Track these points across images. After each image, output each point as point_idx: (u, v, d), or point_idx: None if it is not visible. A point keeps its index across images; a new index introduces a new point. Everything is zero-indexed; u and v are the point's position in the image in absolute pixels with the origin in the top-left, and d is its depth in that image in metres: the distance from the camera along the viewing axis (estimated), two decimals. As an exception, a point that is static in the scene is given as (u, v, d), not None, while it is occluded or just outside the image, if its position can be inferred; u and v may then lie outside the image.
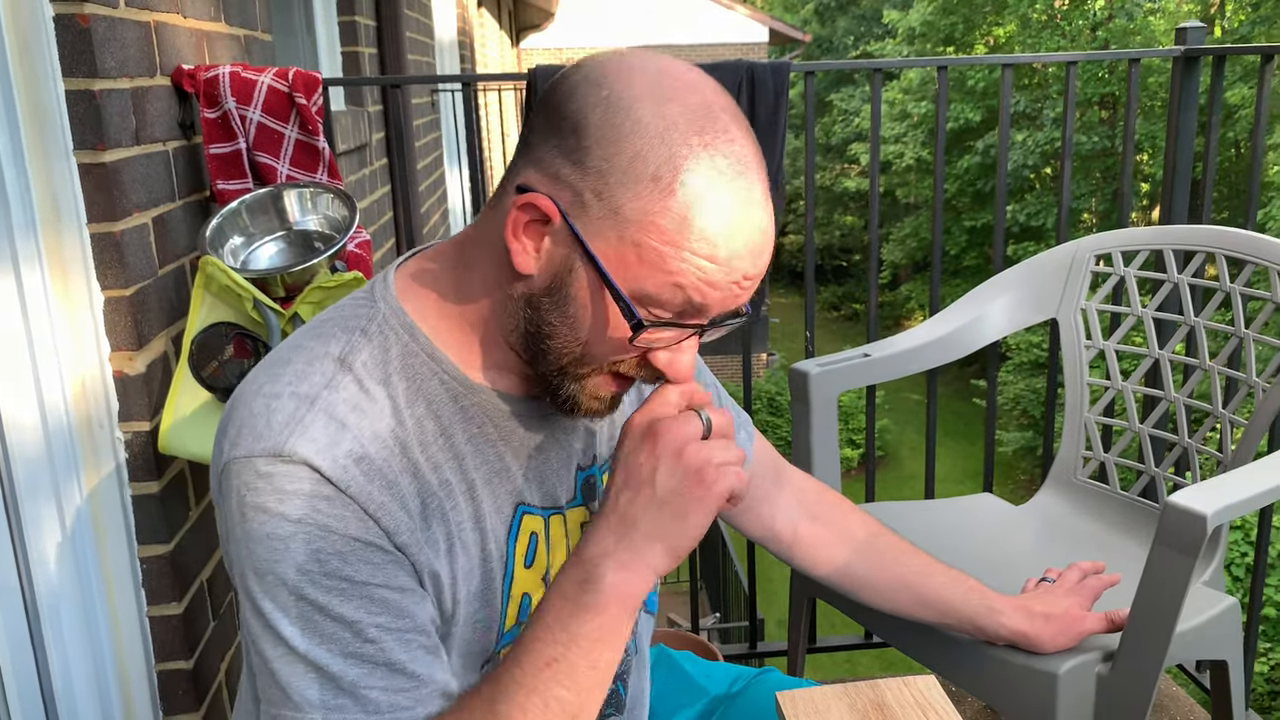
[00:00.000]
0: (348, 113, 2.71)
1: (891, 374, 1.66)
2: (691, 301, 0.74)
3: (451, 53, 5.84)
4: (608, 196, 0.72)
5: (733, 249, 0.73)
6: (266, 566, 0.72)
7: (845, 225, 22.46)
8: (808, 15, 25.47)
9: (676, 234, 0.72)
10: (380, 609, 0.74)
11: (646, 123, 0.72)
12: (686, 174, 0.71)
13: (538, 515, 0.86)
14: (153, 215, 1.36)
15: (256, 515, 0.72)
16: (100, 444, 1.30)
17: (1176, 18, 15.64)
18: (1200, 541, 1.08)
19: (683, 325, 0.76)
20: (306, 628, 0.72)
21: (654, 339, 0.77)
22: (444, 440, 0.79)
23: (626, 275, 0.73)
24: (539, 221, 0.75)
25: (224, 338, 1.35)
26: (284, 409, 0.74)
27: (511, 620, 0.85)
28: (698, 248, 0.72)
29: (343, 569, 0.73)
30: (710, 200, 0.72)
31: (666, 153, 0.71)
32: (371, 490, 0.74)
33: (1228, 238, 1.56)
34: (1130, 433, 1.67)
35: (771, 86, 1.76)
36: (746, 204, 0.74)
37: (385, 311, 0.81)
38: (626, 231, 0.72)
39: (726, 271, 0.74)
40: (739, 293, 0.76)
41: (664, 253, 0.72)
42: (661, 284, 0.73)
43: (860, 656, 8.78)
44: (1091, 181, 15.55)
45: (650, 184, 0.71)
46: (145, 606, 1.37)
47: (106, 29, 1.24)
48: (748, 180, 0.74)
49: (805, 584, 1.63)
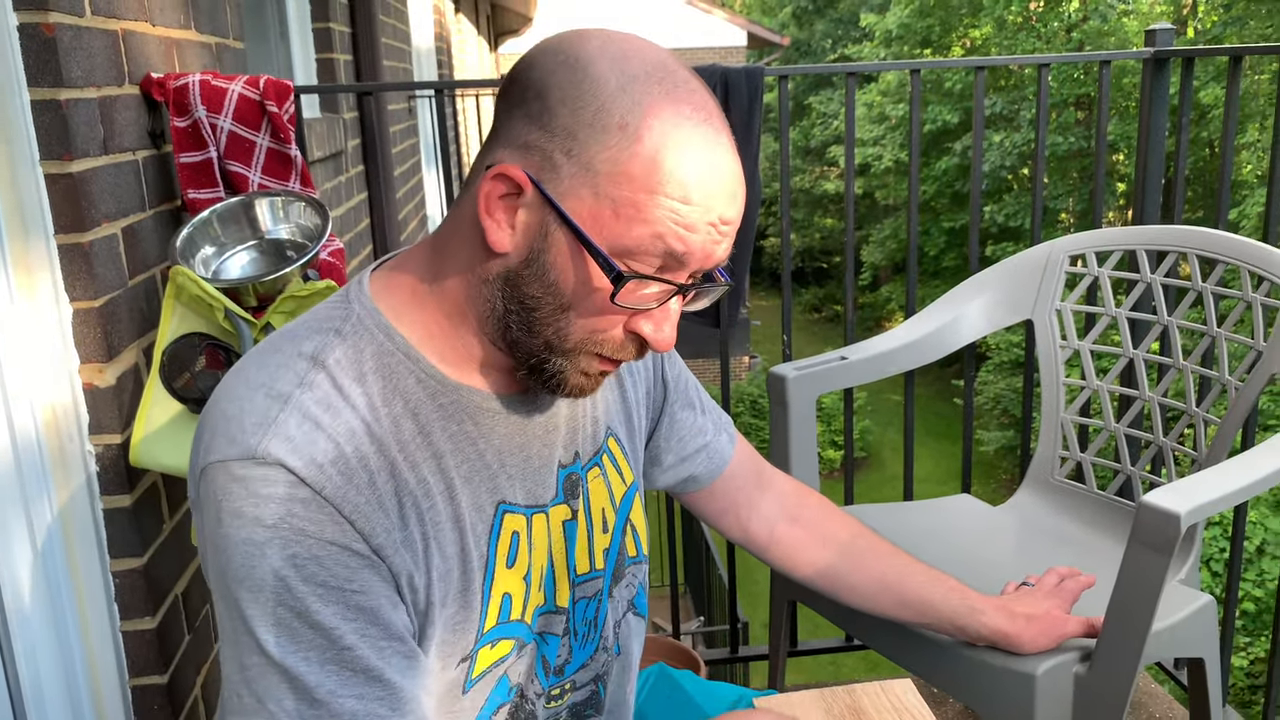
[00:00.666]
0: (322, 120, 2.70)
1: (869, 376, 1.66)
2: (672, 251, 0.74)
3: (429, 59, 5.82)
4: (577, 153, 0.73)
5: (706, 189, 0.73)
6: (243, 572, 0.71)
7: (825, 227, 22.54)
8: (785, 19, 25.57)
9: (649, 179, 0.72)
10: (356, 614, 0.73)
11: (607, 78, 0.73)
12: (652, 119, 0.72)
13: (520, 514, 0.86)
14: (122, 225, 1.35)
15: (232, 520, 0.71)
16: (70, 457, 1.29)
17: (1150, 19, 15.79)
18: (1174, 540, 1.09)
19: (665, 281, 0.75)
20: (283, 634, 0.71)
21: (636, 298, 0.76)
22: (422, 439, 0.79)
23: (604, 232, 0.73)
24: (511, 195, 0.75)
25: (196, 348, 1.34)
26: (257, 410, 0.73)
27: (491, 621, 0.83)
28: (671, 190, 0.72)
29: (319, 574, 0.72)
30: (678, 141, 0.72)
31: (629, 101, 0.72)
32: (347, 491, 0.73)
33: (1199, 237, 1.57)
34: (1106, 432, 1.68)
35: (746, 91, 1.76)
36: (715, 145, 0.74)
37: (359, 312, 0.80)
38: (600, 186, 0.73)
39: (703, 212, 0.73)
40: (717, 238, 0.75)
41: (639, 201, 0.72)
42: (640, 235, 0.73)
43: (844, 659, 8.80)
44: (1069, 182, 15.68)
45: (618, 132, 0.72)
46: (118, 621, 1.35)
47: (72, 38, 1.23)
48: (713, 126, 0.75)
49: (785, 587, 1.63)
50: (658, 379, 1.06)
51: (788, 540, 1.18)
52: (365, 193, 3.26)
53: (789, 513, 1.19)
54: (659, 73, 0.74)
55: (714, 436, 1.13)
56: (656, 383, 1.06)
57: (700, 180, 0.73)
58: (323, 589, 0.72)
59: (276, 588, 0.71)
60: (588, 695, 0.95)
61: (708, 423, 1.12)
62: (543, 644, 0.89)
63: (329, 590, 0.72)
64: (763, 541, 1.18)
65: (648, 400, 1.05)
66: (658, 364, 1.06)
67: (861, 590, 1.18)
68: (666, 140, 0.72)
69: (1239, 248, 1.50)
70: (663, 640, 2.07)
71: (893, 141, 17.82)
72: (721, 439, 1.14)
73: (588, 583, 0.93)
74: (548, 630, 0.90)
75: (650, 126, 0.72)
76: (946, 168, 16.70)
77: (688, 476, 1.13)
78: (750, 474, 1.17)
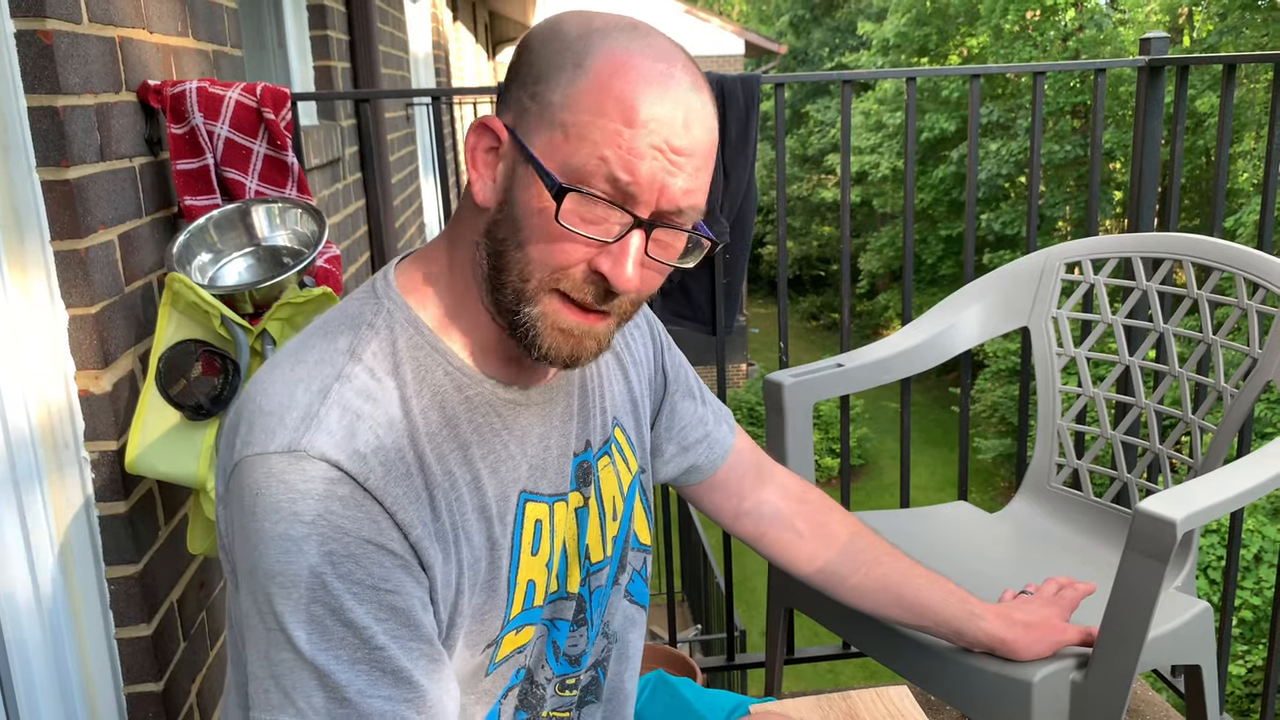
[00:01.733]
0: (320, 127, 2.70)
1: (865, 384, 1.66)
2: (617, 179, 0.74)
3: (427, 66, 5.83)
4: (540, 94, 0.76)
5: (652, 112, 0.74)
6: (278, 567, 0.71)
7: (823, 235, 22.57)
8: (783, 27, 25.65)
9: (595, 102, 0.74)
10: (389, 615, 0.73)
11: (571, 30, 0.78)
12: (606, 53, 0.75)
13: (542, 502, 0.87)
14: (119, 232, 1.35)
15: (270, 515, 0.71)
16: (66, 464, 1.29)
17: (1145, 28, 15.85)
18: (1170, 547, 1.09)
19: (616, 206, 0.75)
20: (315, 632, 0.71)
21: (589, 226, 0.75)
22: (449, 430, 0.80)
23: (555, 156, 0.75)
24: (494, 149, 0.79)
25: (192, 355, 1.34)
26: (298, 404, 0.74)
27: (517, 608, 0.85)
28: (613, 111, 0.74)
29: (355, 572, 0.72)
30: (627, 71, 0.75)
31: (587, 44, 0.76)
32: (388, 483, 0.74)
33: (1194, 245, 1.57)
34: (1103, 439, 1.68)
35: (742, 100, 1.76)
36: (666, 78, 0.75)
37: (389, 306, 0.81)
38: (556, 116, 0.75)
39: (647, 135, 0.73)
40: (669, 167, 0.75)
41: (583, 121, 0.74)
42: (587, 155, 0.74)
43: (842, 666, 8.78)
44: (1065, 190, 15.71)
45: (573, 70, 0.75)
46: (113, 628, 1.35)
47: (70, 45, 1.23)
48: (673, 65, 0.76)
49: (782, 594, 1.63)
50: (658, 369, 1.07)
51: (788, 536, 1.18)
52: (363, 200, 3.26)
53: (790, 507, 1.19)
54: (626, 26, 0.78)
55: (715, 426, 1.14)
56: (657, 372, 1.07)
57: (646, 105, 0.74)
58: (358, 587, 0.72)
59: (311, 584, 0.71)
60: (589, 680, 0.97)
61: (708, 413, 1.13)
62: (554, 630, 0.91)
63: (364, 589, 0.72)
64: (762, 536, 1.18)
65: (650, 390, 1.06)
66: (659, 354, 1.07)
67: (860, 589, 1.18)
68: (616, 69, 0.75)
69: (1234, 255, 1.51)
70: (660, 648, 2.07)
71: (890, 149, 17.86)
72: (722, 429, 1.15)
73: (600, 571, 0.95)
74: (558, 616, 0.91)
75: (603, 61, 0.75)
76: (944, 176, 16.73)
77: (689, 466, 1.13)
78: (751, 466, 1.18)
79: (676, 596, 5.49)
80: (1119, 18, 16.46)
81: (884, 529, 1.30)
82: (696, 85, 0.78)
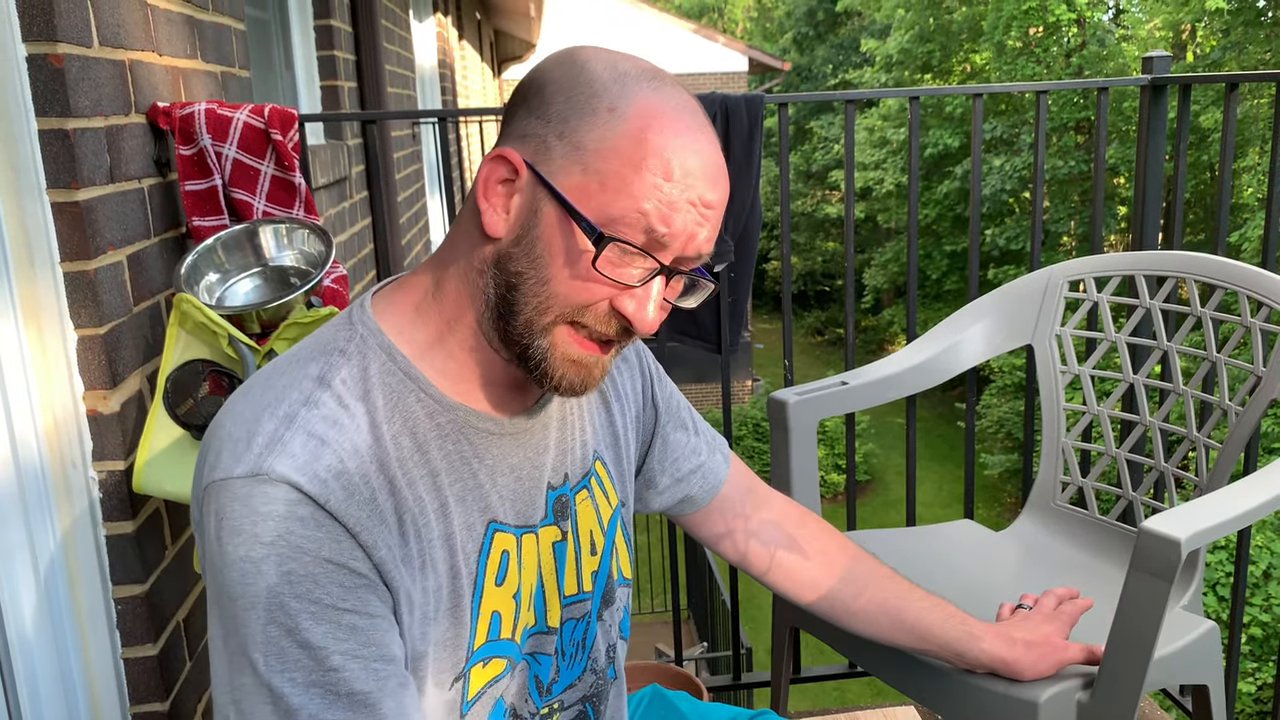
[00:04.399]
0: (327, 146, 2.72)
1: (869, 402, 1.66)
2: (654, 228, 0.77)
3: (433, 84, 5.87)
4: (569, 135, 0.77)
5: (687, 167, 0.77)
6: (239, 589, 0.72)
7: (827, 251, 22.59)
8: (786, 44, 25.75)
9: (634, 154, 0.76)
10: (348, 635, 0.73)
11: (599, 72, 0.79)
12: (640, 102, 0.77)
13: (510, 533, 0.87)
14: (127, 253, 1.36)
15: (231, 539, 0.72)
16: (74, 484, 1.29)
17: (1148, 44, 15.89)
18: (1175, 566, 1.09)
19: (648, 255, 0.78)
20: (270, 653, 0.72)
21: (620, 271, 0.78)
22: (420, 456, 0.80)
23: (590, 203, 0.77)
24: (508, 181, 0.79)
25: (199, 375, 1.34)
26: (264, 430, 0.75)
27: (481, 638, 0.84)
28: (653, 165, 0.76)
29: (314, 591, 0.72)
30: (663, 124, 0.77)
31: (620, 89, 0.78)
32: (350, 506, 0.74)
33: (1198, 263, 1.57)
34: (1107, 457, 1.68)
35: (746, 119, 1.77)
36: (698, 132, 0.79)
37: (363, 332, 0.82)
38: (589, 161, 0.77)
39: (683, 189, 0.77)
40: (699, 220, 0.79)
41: (625, 174, 0.76)
42: (625, 207, 0.76)
43: (849, 685, 8.73)
44: (1069, 205, 15.71)
45: (606, 114, 0.77)
46: (120, 648, 1.35)
47: (80, 68, 1.24)
48: (697, 118, 0.80)
49: (787, 614, 1.63)
50: (648, 402, 1.07)
51: (787, 564, 1.18)
52: (369, 218, 3.28)
53: (789, 535, 1.19)
54: (649, 73, 0.80)
55: (708, 457, 1.14)
56: (646, 405, 1.07)
57: (683, 159, 0.77)
58: (316, 606, 0.72)
59: (269, 605, 0.71)
60: (576, 715, 0.96)
61: (701, 443, 1.13)
62: (534, 664, 0.90)
63: (322, 608, 0.72)
64: (762, 565, 1.18)
65: (637, 425, 1.06)
66: (647, 387, 1.07)
67: (861, 615, 1.18)
68: (652, 122, 0.77)
69: (1238, 273, 1.51)
70: (666, 668, 2.06)
71: (894, 165, 17.89)
72: (716, 459, 1.15)
73: (576, 604, 0.94)
74: (539, 651, 0.91)
75: (637, 109, 0.77)
76: (948, 191, 16.74)
77: (684, 497, 1.13)
78: (748, 495, 1.18)
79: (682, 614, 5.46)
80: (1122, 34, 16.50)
81: (889, 548, 1.30)
82: (714, 137, 0.82)
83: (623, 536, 1.01)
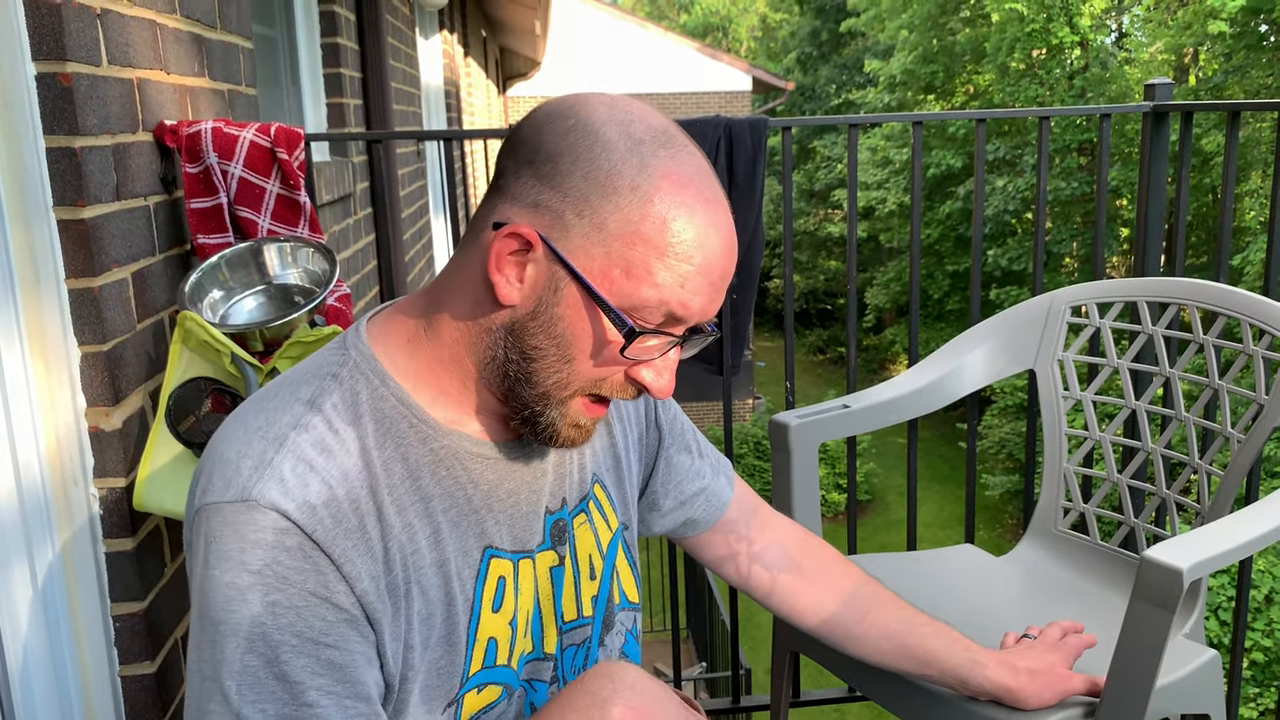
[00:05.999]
0: (331, 164, 2.73)
1: (871, 425, 1.66)
2: (674, 313, 0.78)
3: (438, 101, 5.90)
4: (589, 213, 0.75)
5: (711, 250, 0.77)
6: (222, 615, 0.72)
7: (830, 270, 22.62)
8: (790, 64, 25.86)
9: (659, 241, 0.75)
10: (325, 670, 0.73)
11: (616, 141, 0.76)
12: (661, 182, 0.76)
13: (506, 559, 0.86)
14: (132, 270, 1.36)
15: (219, 564, 0.72)
16: (74, 500, 1.29)
17: (1151, 67, 15.94)
18: (1177, 596, 1.08)
19: (669, 334, 0.79)
20: (245, 682, 0.72)
21: (643, 349, 0.79)
22: (411, 483, 0.80)
23: (614, 289, 0.76)
24: (521, 251, 0.77)
25: (201, 393, 1.35)
26: (253, 453, 0.75)
27: (477, 665, 0.84)
28: (680, 252, 0.76)
29: (296, 623, 0.72)
30: (686, 206, 0.76)
31: (639, 163, 0.76)
32: (336, 535, 0.74)
33: (1199, 290, 1.58)
34: (1109, 482, 1.68)
35: (749, 142, 1.78)
36: (717, 208, 0.78)
37: (356, 357, 0.82)
38: (613, 246, 0.76)
39: (706, 273, 0.77)
40: (717, 296, 0.80)
41: (650, 263, 0.76)
42: (649, 296, 0.76)
43: (849, 709, 8.69)
44: (1072, 226, 15.73)
45: (629, 193, 0.75)
46: (117, 665, 1.34)
47: (89, 87, 1.25)
48: (714, 190, 0.80)
49: (787, 638, 1.62)
50: (650, 424, 1.07)
51: (791, 587, 1.17)
52: (372, 235, 3.29)
53: (792, 559, 1.18)
54: (662, 137, 0.78)
55: (712, 479, 1.13)
56: (649, 428, 1.07)
57: (706, 243, 0.77)
58: (297, 639, 0.72)
59: (251, 634, 0.71)
60: None
61: (705, 466, 1.13)
62: (531, 691, 0.90)
63: (303, 641, 0.72)
64: (765, 588, 1.18)
65: (639, 447, 1.06)
66: (650, 409, 1.07)
67: (864, 640, 1.17)
68: (675, 204, 0.76)
69: (1240, 301, 1.51)
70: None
71: (896, 185, 17.93)
72: (720, 481, 1.14)
73: (576, 630, 0.94)
74: (535, 677, 0.90)
75: (660, 190, 0.76)
76: (950, 212, 16.77)
77: (687, 520, 1.13)
78: (751, 518, 1.17)
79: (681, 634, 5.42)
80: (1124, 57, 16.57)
81: (890, 572, 1.30)
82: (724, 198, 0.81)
83: (625, 559, 1.00)
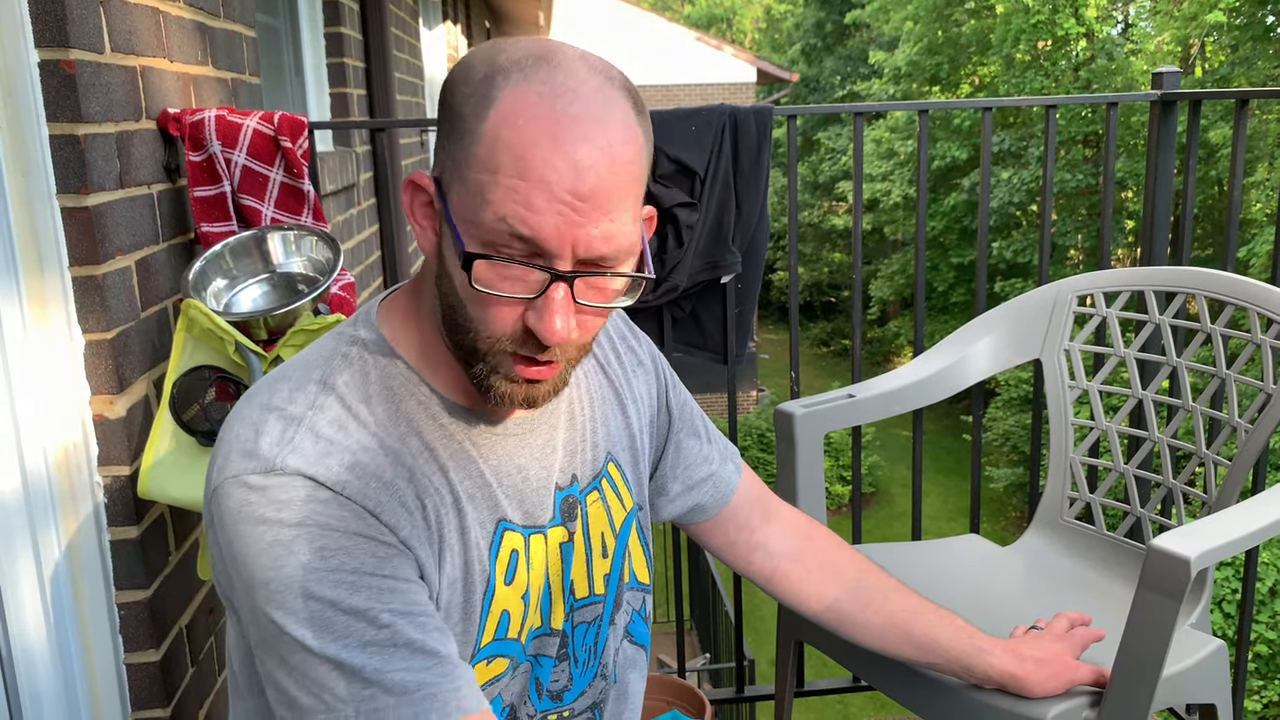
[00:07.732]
0: (335, 153, 2.73)
1: (876, 415, 1.66)
2: (519, 233, 0.71)
3: (441, 93, 5.88)
4: (449, 148, 0.75)
5: (546, 162, 0.70)
6: (270, 573, 0.72)
7: (834, 262, 22.58)
8: (795, 56, 25.78)
9: (490, 159, 0.71)
10: (390, 595, 0.74)
11: (477, 72, 0.74)
12: (502, 99, 0.72)
13: (518, 533, 0.87)
14: (136, 258, 1.36)
15: (255, 528, 0.72)
16: (79, 488, 1.29)
17: (1157, 58, 15.87)
18: (1184, 585, 1.08)
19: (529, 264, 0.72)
20: (319, 626, 0.72)
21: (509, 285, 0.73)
22: (428, 454, 0.81)
23: (462, 218, 0.74)
24: (430, 203, 0.78)
25: (206, 381, 1.34)
26: (272, 431, 0.75)
27: (488, 636, 0.84)
28: (507, 165, 0.70)
29: (348, 562, 0.73)
30: (519, 117, 0.71)
31: (487, 89, 0.72)
32: (368, 490, 0.75)
33: (1207, 279, 1.57)
34: (1115, 473, 1.67)
35: (754, 131, 1.77)
36: (563, 118, 0.70)
37: (365, 337, 0.83)
38: (464, 174, 0.73)
39: (543, 189, 0.70)
40: (574, 218, 0.71)
41: (483, 181, 0.72)
42: (487, 218, 0.71)
43: (852, 699, 8.69)
44: (1077, 218, 15.69)
45: (473, 120, 0.72)
46: (122, 653, 1.35)
47: (92, 74, 1.25)
48: (568, 101, 0.71)
49: (791, 627, 1.62)
50: (662, 406, 1.07)
51: (795, 574, 1.17)
52: (376, 225, 3.28)
53: (796, 546, 1.18)
54: (530, 59, 0.73)
55: (720, 465, 1.13)
56: (661, 410, 1.07)
57: (539, 155, 0.70)
58: (354, 575, 0.73)
59: (305, 581, 0.72)
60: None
61: (713, 451, 1.13)
62: (537, 666, 0.90)
63: (360, 576, 0.73)
64: (769, 574, 1.18)
65: (652, 428, 1.05)
66: (662, 393, 1.07)
67: (869, 627, 1.17)
68: (507, 118, 0.71)
69: (1248, 290, 1.50)
70: (669, 680, 2.05)
71: (901, 177, 17.88)
72: (728, 468, 1.14)
73: (586, 607, 0.94)
74: (542, 652, 0.90)
75: (498, 108, 0.72)
76: (955, 203, 16.72)
77: (694, 505, 1.13)
78: (757, 505, 1.17)
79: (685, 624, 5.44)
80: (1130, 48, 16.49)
81: (894, 562, 1.29)
82: (603, 118, 0.72)
83: (638, 540, 1.00)
